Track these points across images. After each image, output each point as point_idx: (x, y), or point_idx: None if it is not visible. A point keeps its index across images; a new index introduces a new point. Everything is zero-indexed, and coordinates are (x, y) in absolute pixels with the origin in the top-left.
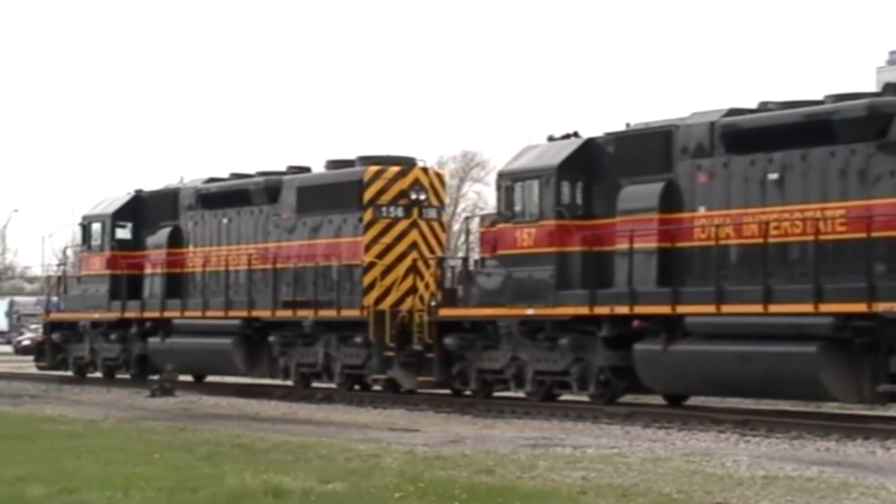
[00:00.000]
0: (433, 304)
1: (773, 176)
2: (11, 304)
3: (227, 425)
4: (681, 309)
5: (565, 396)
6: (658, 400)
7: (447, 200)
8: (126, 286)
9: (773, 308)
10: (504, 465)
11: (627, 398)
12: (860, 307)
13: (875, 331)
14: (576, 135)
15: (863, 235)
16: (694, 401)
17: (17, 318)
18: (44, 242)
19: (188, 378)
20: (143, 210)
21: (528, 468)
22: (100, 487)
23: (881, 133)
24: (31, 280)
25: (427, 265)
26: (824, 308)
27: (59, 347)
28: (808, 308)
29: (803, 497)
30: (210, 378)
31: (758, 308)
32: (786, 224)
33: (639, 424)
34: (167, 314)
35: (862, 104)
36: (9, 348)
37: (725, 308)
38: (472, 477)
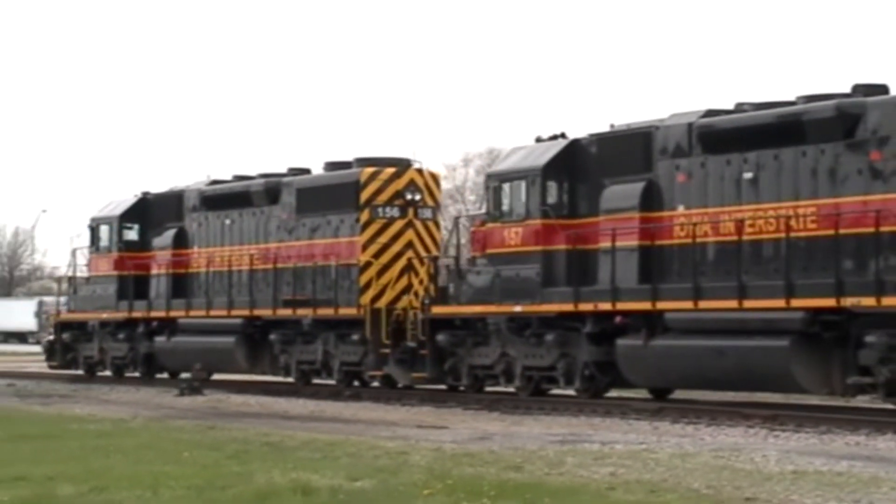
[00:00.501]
0: (426, 301)
1: (748, 175)
2: (40, 304)
3: (255, 423)
4: (660, 305)
5: (556, 391)
6: (685, 395)
7: (442, 200)
8: (133, 286)
9: (747, 304)
10: (532, 461)
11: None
12: (829, 302)
13: (843, 325)
14: (563, 136)
15: (831, 232)
16: (722, 396)
17: (45, 319)
18: (71, 243)
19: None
20: (150, 212)
21: (557, 464)
22: (129, 486)
23: (849, 133)
24: (59, 280)
25: (422, 264)
26: (795, 303)
27: (70, 347)
28: (780, 303)
29: (833, 492)
30: (236, 377)
31: (733, 304)
32: (760, 222)
33: (667, 420)
34: (172, 314)
35: (830, 105)
36: (38, 348)
37: (702, 304)
38: (500, 473)
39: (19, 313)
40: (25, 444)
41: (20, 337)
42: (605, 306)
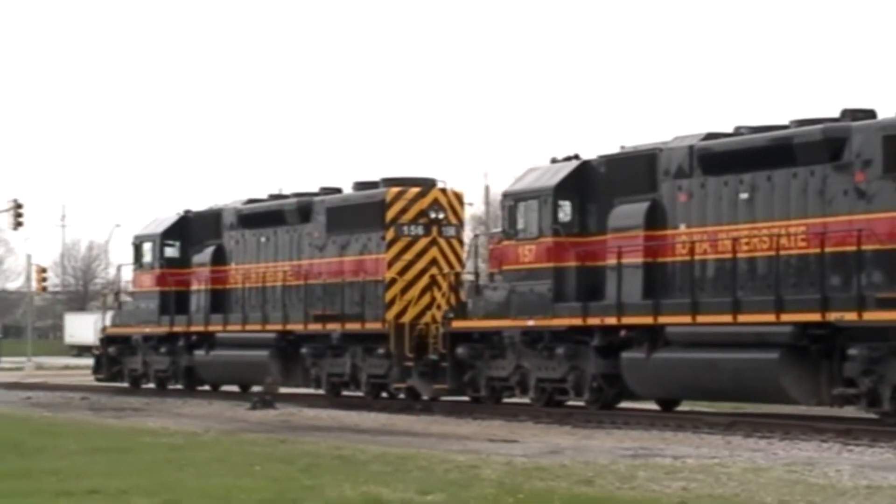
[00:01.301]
0: (448, 316)
1: (744, 195)
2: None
3: (326, 437)
4: (661, 319)
5: (577, 403)
6: (756, 409)
7: (466, 218)
8: (174, 302)
9: (740, 318)
10: (603, 475)
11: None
12: (815, 316)
13: (829, 338)
14: (576, 157)
15: (818, 250)
16: (794, 410)
17: None
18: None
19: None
20: (190, 229)
21: (628, 478)
22: (201, 499)
23: (835, 156)
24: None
25: (445, 280)
26: (784, 318)
27: (115, 360)
28: (771, 318)
29: None
30: (307, 391)
31: (727, 318)
32: (754, 240)
33: (739, 434)
34: (210, 328)
35: (818, 129)
36: None
37: (700, 318)
38: (571, 488)
39: (88, 327)
40: (99, 456)
41: (90, 350)
42: (611, 320)
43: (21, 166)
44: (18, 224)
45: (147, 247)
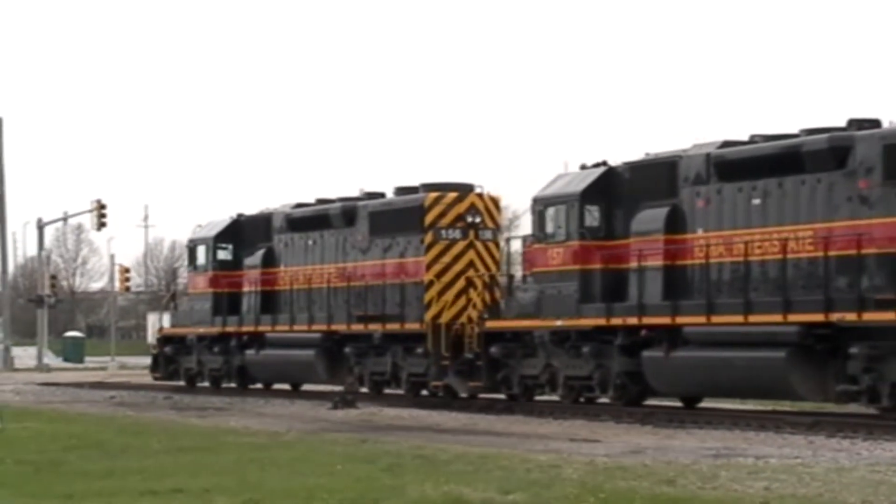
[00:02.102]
0: (484, 316)
1: (756, 201)
2: None
3: (407, 437)
4: (679, 320)
5: (602, 400)
6: (839, 409)
7: (503, 222)
8: (227, 303)
9: (751, 318)
10: (685, 475)
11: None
12: (819, 317)
13: (833, 338)
14: (604, 164)
15: (824, 254)
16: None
17: None
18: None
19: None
20: (242, 233)
21: (710, 478)
22: (283, 499)
23: (841, 164)
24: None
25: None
26: (791, 318)
27: (171, 359)
28: (779, 318)
29: None
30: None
31: (739, 318)
32: (766, 244)
33: (822, 434)
34: (261, 328)
35: (824, 138)
36: None
37: (714, 318)
38: (653, 487)
39: None
40: (183, 456)
41: None
42: (633, 321)
43: (104, 167)
44: (102, 225)
45: (201, 250)
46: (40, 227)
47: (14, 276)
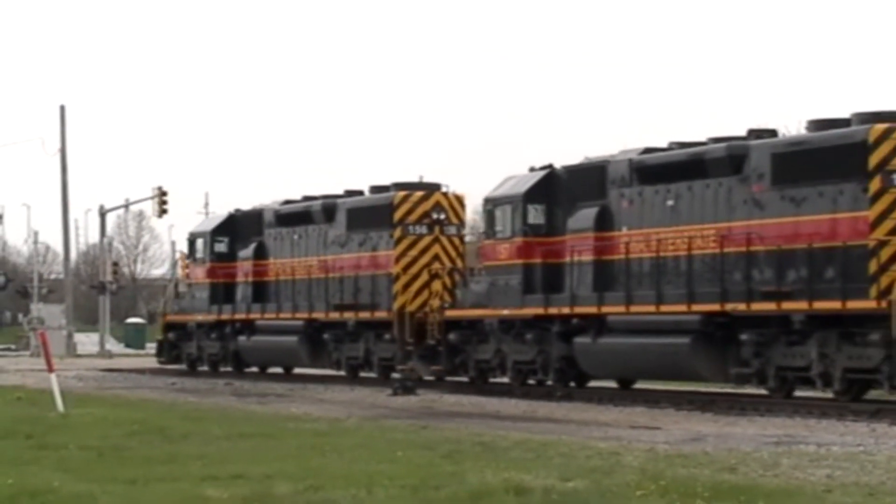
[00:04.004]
0: (444, 306)
1: (670, 203)
2: None
3: (467, 423)
4: (604, 309)
5: (536, 380)
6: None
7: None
8: (223, 292)
9: (662, 308)
10: (746, 463)
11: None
12: (716, 307)
13: (729, 326)
14: (550, 167)
15: (722, 250)
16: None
17: None
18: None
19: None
20: (237, 227)
21: (772, 466)
22: (344, 485)
23: (737, 170)
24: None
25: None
26: (694, 308)
27: (174, 345)
28: (684, 308)
29: None
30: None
31: (652, 308)
32: (678, 241)
33: (885, 422)
34: (251, 316)
35: (723, 146)
36: None
37: (633, 308)
38: (714, 475)
39: None
40: (244, 442)
41: None
42: (566, 310)
43: (165, 154)
44: (163, 211)
45: (200, 242)
46: (102, 214)
47: (76, 263)
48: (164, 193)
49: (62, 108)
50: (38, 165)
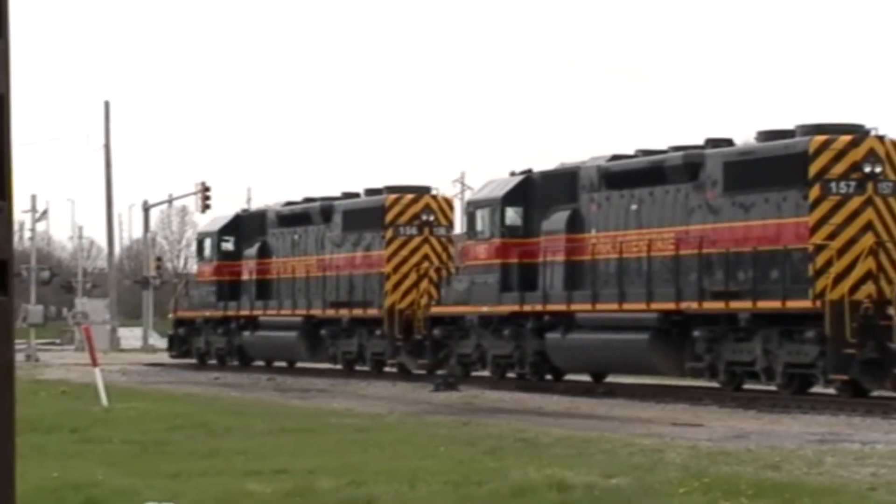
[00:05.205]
0: (430, 303)
1: (634, 207)
2: None
3: (509, 419)
4: (573, 307)
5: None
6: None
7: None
8: (229, 289)
9: (624, 306)
10: (790, 460)
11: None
12: (672, 306)
13: (684, 323)
14: (529, 171)
15: (678, 252)
16: None
17: None
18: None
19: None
20: (243, 227)
21: (815, 464)
22: (386, 480)
23: (693, 177)
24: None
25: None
26: (653, 306)
27: (184, 340)
28: (643, 306)
29: None
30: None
31: (615, 306)
32: (640, 244)
33: None
34: (255, 312)
35: (680, 155)
36: None
37: (598, 306)
38: (757, 473)
39: None
40: (286, 437)
41: None
42: (539, 308)
43: (208, 150)
44: (206, 207)
45: (208, 242)
46: (146, 209)
47: (120, 258)
48: (207, 189)
49: (107, 104)
50: (82, 161)
